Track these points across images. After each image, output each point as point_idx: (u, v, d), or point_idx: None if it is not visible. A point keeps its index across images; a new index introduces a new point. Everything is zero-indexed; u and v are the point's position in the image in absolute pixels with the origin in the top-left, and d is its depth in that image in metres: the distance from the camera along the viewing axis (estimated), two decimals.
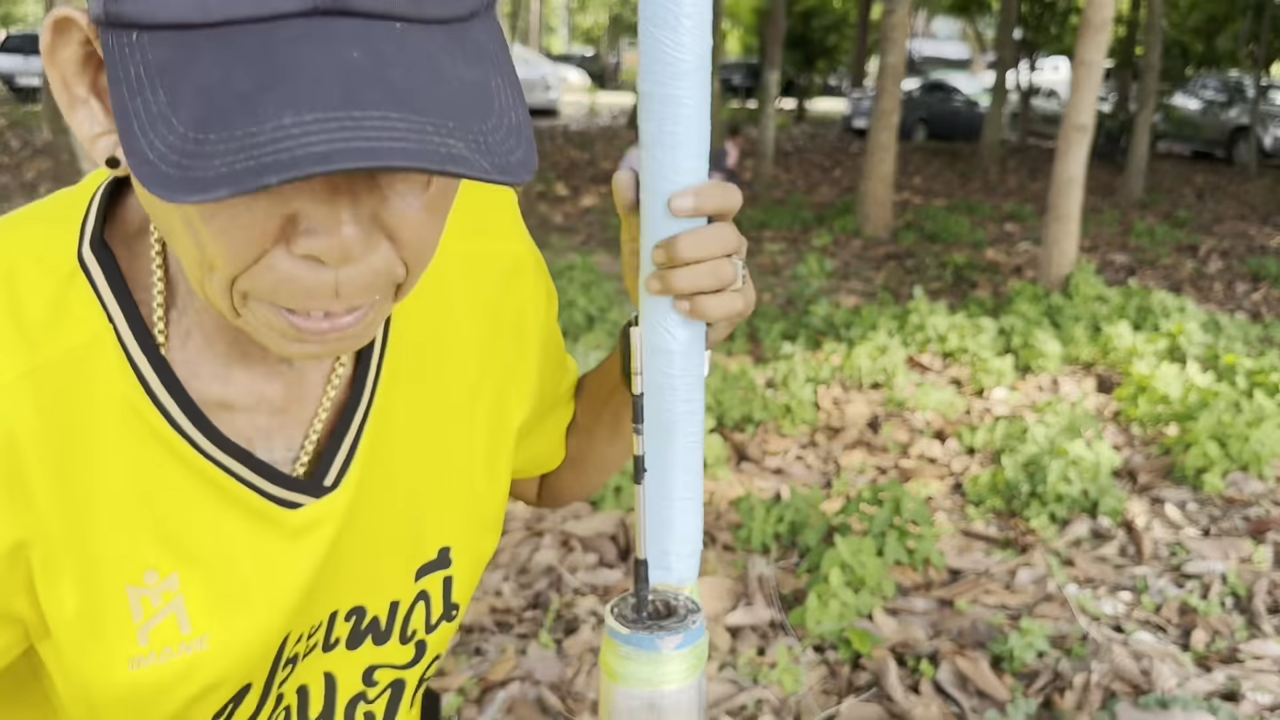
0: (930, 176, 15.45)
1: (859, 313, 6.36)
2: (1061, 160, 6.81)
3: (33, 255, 0.65)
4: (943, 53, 37.00)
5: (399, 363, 0.76)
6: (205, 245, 0.54)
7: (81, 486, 0.64)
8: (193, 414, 0.66)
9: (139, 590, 0.66)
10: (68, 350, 0.63)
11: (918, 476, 4.23)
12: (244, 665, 0.71)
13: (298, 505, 0.70)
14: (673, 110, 0.69)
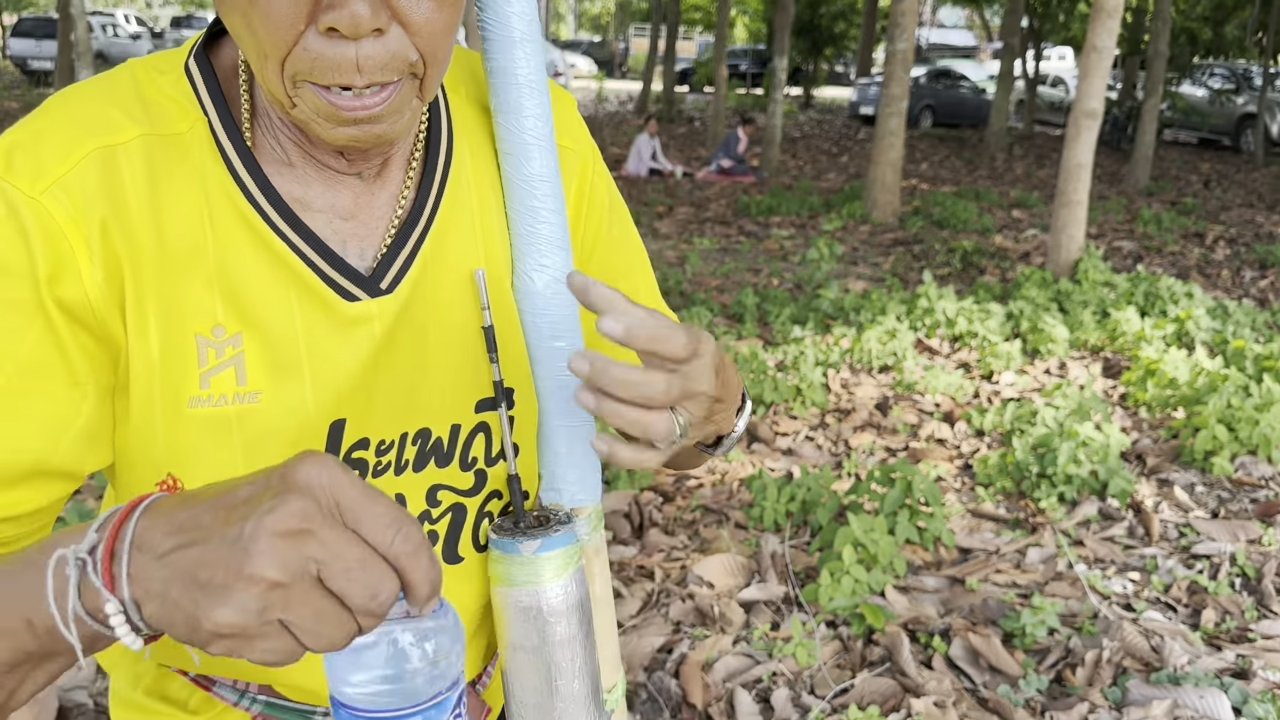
0: (937, 163, 15.43)
1: (868, 297, 6.38)
2: (1070, 146, 6.81)
3: (151, 64, 0.79)
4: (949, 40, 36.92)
5: (458, 196, 0.85)
6: (257, 30, 0.66)
7: (171, 239, 0.74)
8: (274, 200, 0.76)
9: (207, 341, 0.76)
10: (172, 132, 0.75)
11: (927, 458, 4.26)
12: (292, 430, 0.78)
13: (355, 298, 0.79)
14: None
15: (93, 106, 0.75)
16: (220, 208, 0.76)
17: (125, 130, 0.74)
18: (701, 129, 19.45)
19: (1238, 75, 18.30)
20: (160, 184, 0.74)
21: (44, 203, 0.71)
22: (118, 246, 0.73)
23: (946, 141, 18.76)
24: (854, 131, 20.43)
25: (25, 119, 0.76)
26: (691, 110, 24.02)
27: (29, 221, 0.70)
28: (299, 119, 0.71)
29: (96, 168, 0.72)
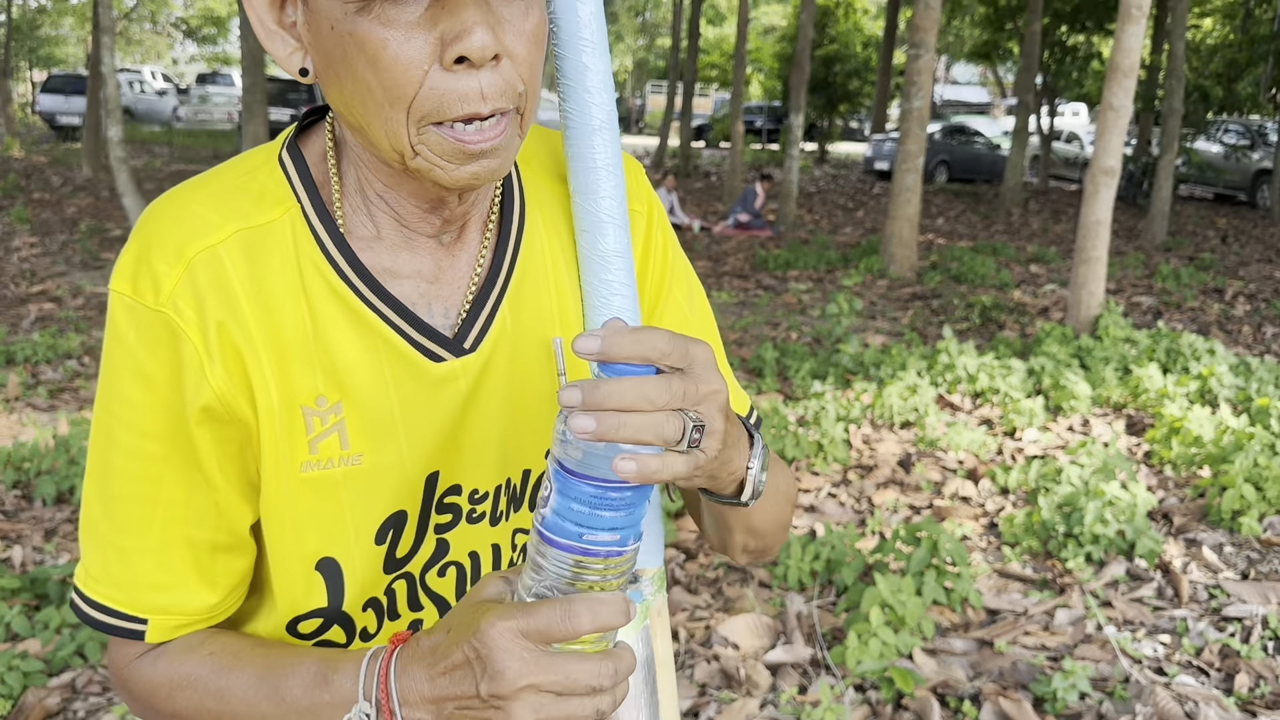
0: (953, 218, 15.49)
1: (888, 352, 6.38)
2: (1089, 203, 6.83)
3: (246, 160, 0.87)
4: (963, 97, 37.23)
5: (531, 260, 0.91)
6: (384, 80, 0.72)
7: (276, 322, 0.81)
8: (363, 274, 0.83)
9: (312, 411, 0.83)
10: (268, 221, 0.83)
11: (952, 516, 4.23)
12: (392, 486, 0.86)
13: (441, 359, 0.85)
14: None
15: (187, 212, 0.82)
16: (315, 285, 0.82)
17: (221, 229, 0.81)
18: (718, 184, 19.60)
19: (1252, 131, 18.37)
20: (260, 272, 0.81)
21: (168, 313, 0.79)
22: (235, 339, 0.80)
23: (962, 196, 18.85)
24: (869, 186, 20.55)
25: (132, 235, 0.83)
26: (708, 165, 24.23)
27: (161, 333, 0.79)
28: (419, 168, 0.76)
29: (204, 270, 0.80)
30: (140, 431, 0.81)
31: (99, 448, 0.84)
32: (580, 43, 0.87)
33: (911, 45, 9.52)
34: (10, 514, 4.02)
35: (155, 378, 0.80)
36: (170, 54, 48.36)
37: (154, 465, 0.82)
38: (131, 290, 0.80)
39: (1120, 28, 6.46)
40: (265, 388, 0.81)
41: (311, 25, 0.75)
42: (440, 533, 0.91)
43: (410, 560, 0.90)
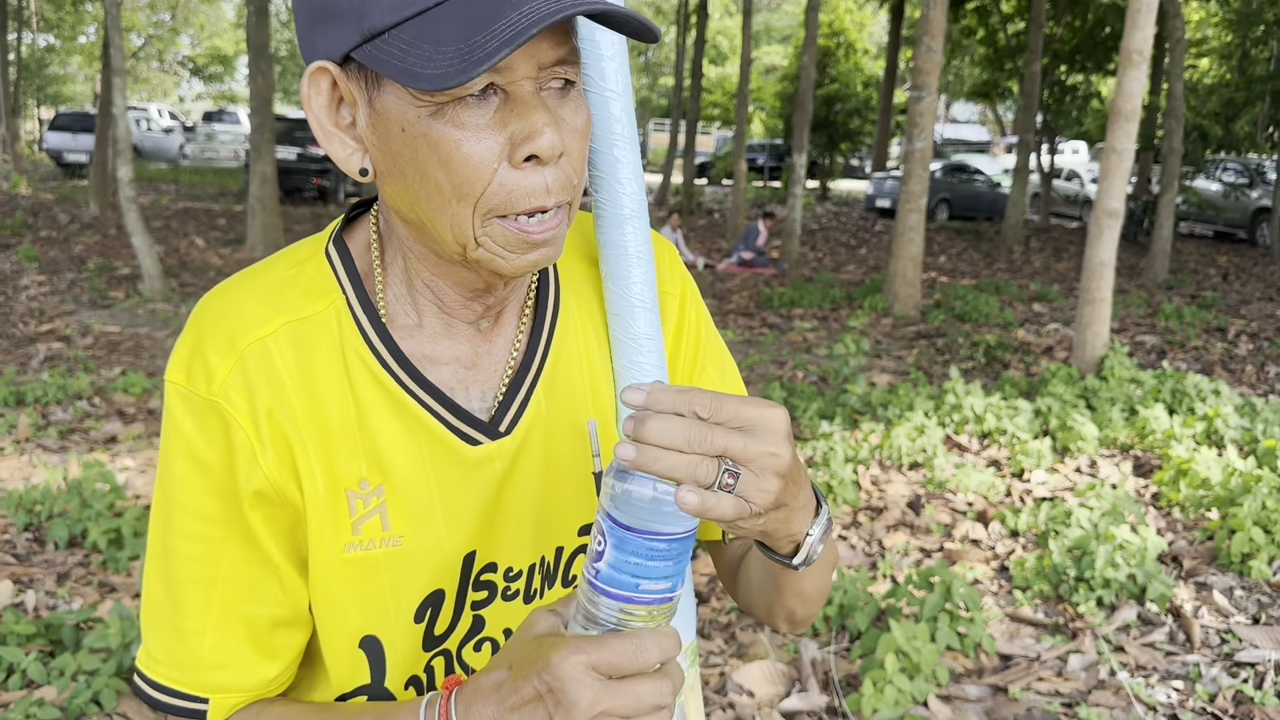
0: (955, 255, 15.56)
1: (895, 392, 6.40)
2: (1093, 245, 6.88)
3: (293, 253, 0.91)
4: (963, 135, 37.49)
5: (565, 343, 0.94)
6: (454, 178, 0.76)
7: (323, 409, 0.85)
8: (403, 362, 0.87)
9: (355, 494, 0.87)
10: (315, 313, 0.87)
11: (963, 559, 4.23)
12: (431, 567, 0.89)
13: (477, 443, 0.89)
14: None
15: (238, 305, 0.86)
16: (358, 373, 0.87)
17: (271, 322, 0.85)
18: (721, 221, 19.71)
19: (1251, 170, 18.49)
20: (307, 362, 0.86)
21: (220, 402, 0.83)
22: (284, 427, 0.84)
23: (963, 234, 18.94)
24: (871, 224, 20.65)
25: (186, 327, 0.88)
26: (710, 202, 24.37)
27: (215, 421, 0.84)
28: (479, 258, 0.80)
29: (254, 361, 0.84)
30: (198, 514, 0.85)
31: (159, 532, 0.88)
32: (613, 137, 0.91)
33: (914, 87, 9.62)
34: (22, 557, 4.03)
35: (210, 463, 0.84)
36: (177, 92, 48.78)
37: (212, 546, 0.86)
38: (186, 380, 0.84)
39: (1122, 72, 6.54)
40: (311, 473, 0.85)
41: (378, 128, 0.79)
42: (476, 609, 0.94)
43: (448, 637, 0.93)
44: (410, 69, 0.72)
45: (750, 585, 1.00)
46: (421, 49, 0.71)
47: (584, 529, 0.96)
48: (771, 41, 42.49)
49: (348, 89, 0.79)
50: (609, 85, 0.90)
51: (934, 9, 9.24)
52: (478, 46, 0.69)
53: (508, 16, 0.69)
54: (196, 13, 37.08)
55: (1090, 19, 17.59)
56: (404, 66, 0.72)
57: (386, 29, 0.74)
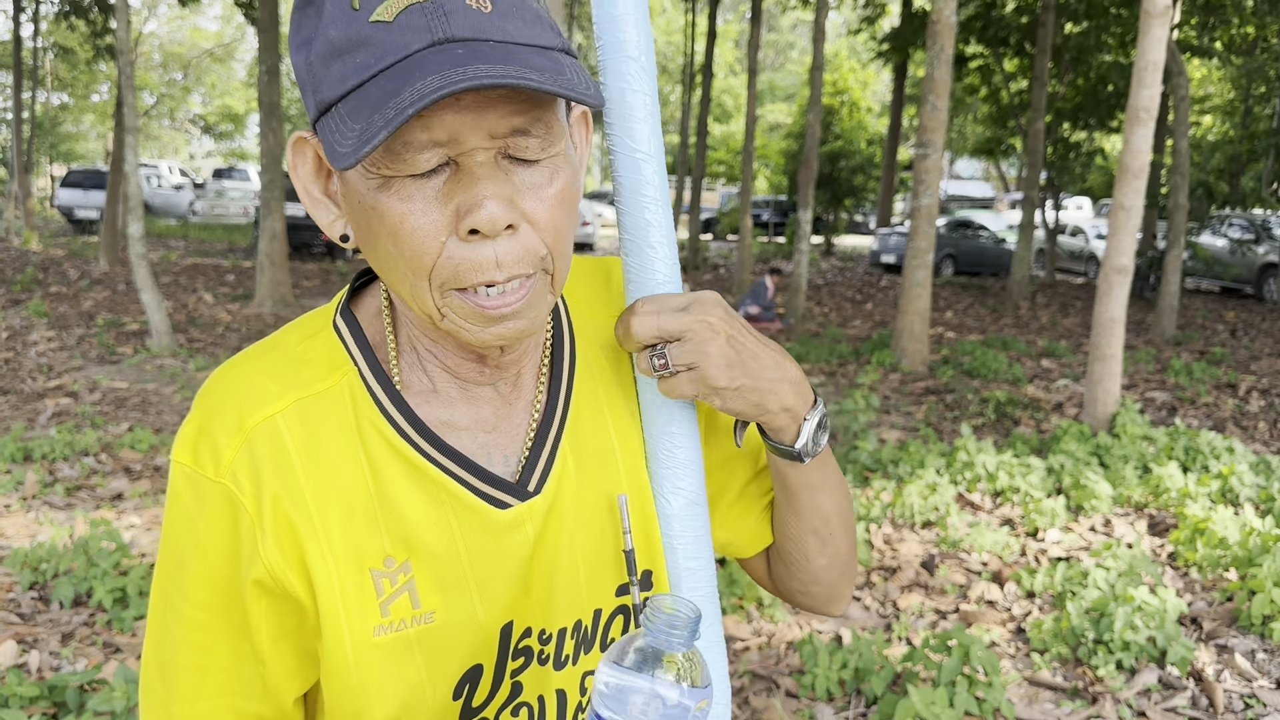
0: (962, 311, 15.57)
1: (905, 448, 6.35)
2: (1102, 301, 6.87)
3: (302, 327, 0.89)
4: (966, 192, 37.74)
5: (583, 398, 0.93)
6: (404, 250, 0.75)
7: (336, 488, 0.82)
8: (421, 429, 0.84)
9: (381, 573, 0.83)
10: (327, 388, 0.84)
11: (979, 621, 4.17)
12: (467, 642, 0.85)
13: (506, 505, 0.86)
14: None
15: (247, 381, 0.84)
16: (375, 445, 0.84)
17: (280, 399, 0.83)
18: (726, 275, 19.78)
19: (1256, 225, 18.55)
20: (318, 439, 0.83)
21: (228, 484, 0.81)
22: (289, 512, 0.81)
23: (969, 290, 18.98)
24: (876, 279, 20.71)
25: (195, 404, 0.86)
26: (716, 257, 24.48)
27: (220, 504, 0.81)
28: (449, 329, 0.79)
29: (262, 441, 0.82)
30: (194, 601, 0.83)
31: (158, 612, 0.86)
32: (644, 200, 0.89)
33: (919, 144, 9.69)
34: (27, 616, 3.98)
35: (210, 550, 0.82)
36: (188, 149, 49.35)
37: (206, 635, 0.84)
38: (193, 461, 0.82)
39: (1129, 130, 6.58)
40: (323, 558, 0.82)
41: (346, 197, 0.79)
42: (515, 676, 0.91)
43: (486, 706, 0.90)
44: (332, 146, 0.71)
45: (780, 555, 1.03)
46: (344, 125, 0.71)
47: (621, 589, 0.94)
48: (775, 100, 42.96)
49: (322, 157, 0.80)
50: (640, 147, 0.88)
51: (939, 68, 9.33)
52: (372, 125, 0.68)
53: (401, 95, 0.68)
54: (208, 72, 37.63)
55: (1093, 76, 17.75)
56: (329, 142, 0.72)
57: (331, 104, 0.74)
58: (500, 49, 0.71)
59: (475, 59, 0.69)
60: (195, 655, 0.84)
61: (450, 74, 0.67)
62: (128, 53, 9.76)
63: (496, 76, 0.68)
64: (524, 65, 0.70)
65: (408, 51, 0.70)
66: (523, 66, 0.70)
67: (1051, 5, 15.51)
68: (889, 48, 21.17)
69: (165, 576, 0.85)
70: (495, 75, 0.68)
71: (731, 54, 39.31)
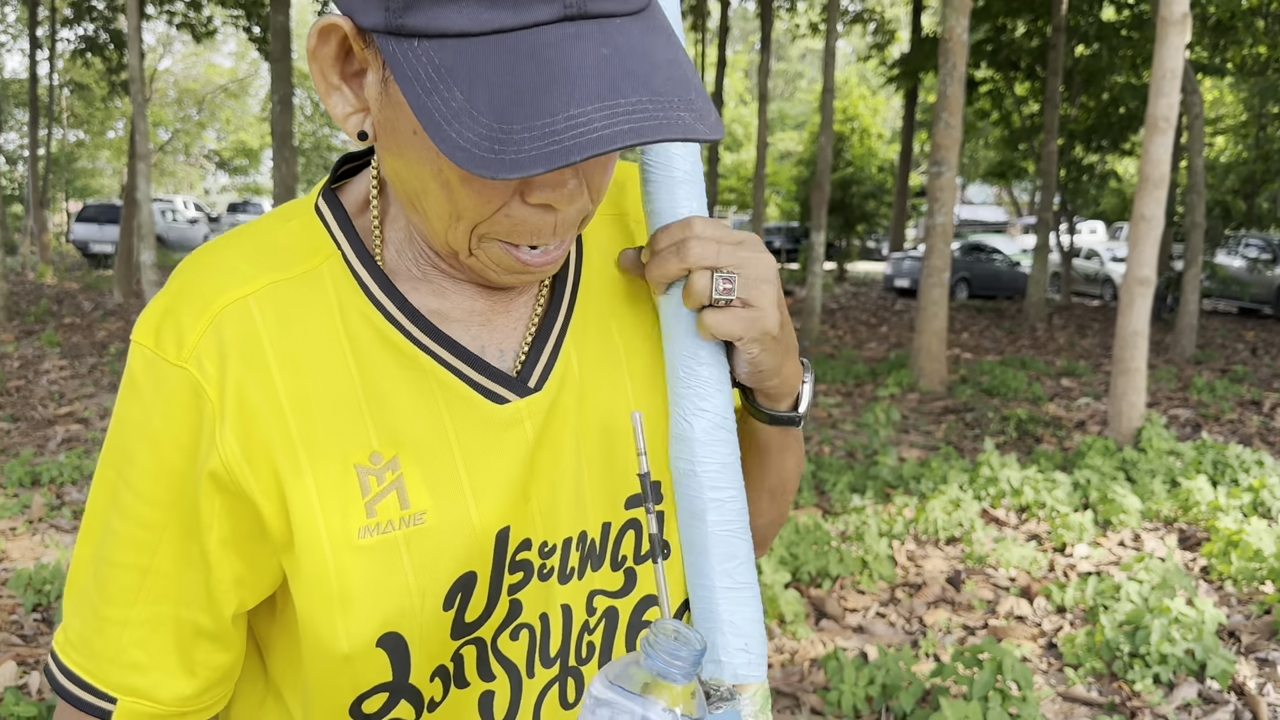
0: (978, 333, 15.45)
1: (928, 465, 6.23)
2: (1125, 314, 6.76)
3: (278, 213, 0.82)
4: (979, 216, 37.69)
5: (589, 301, 0.86)
6: (458, 201, 0.69)
7: (314, 378, 0.75)
8: (413, 315, 0.77)
9: (366, 470, 0.75)
10: (305, 271, 0.77)
11: (1009, 636, 4.03)
12: (460, 546, 0.77)
13: (505, 400, 0.79)
14: None
15: (220, 263, 0.77)
16: (360, 334, 0.77)
17: (254, 280, 0.76)
18: None
19: (1274, 246, 18.40)
20: (295, 325, 0.76)
21: (190, 370, 0.73)
22: (256, 403, 0.74)
23: (985, 312, 18.85)
24: (890, 303, 20.61)
25: (164, 287, 0.78)
26: None
27: (180, 391, 0.74)
28: (471, 265, 0.75)
29: (231, 324, 0.74)
30: (142, 495, 0.75)
31: (98, 506, 0.78)
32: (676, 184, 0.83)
33: (933, 163, 9.62)
34: (29, 638, 3.88)
35: (164, 440, 0.74)
36: (203, 184, 49.76)
37: (150, 533, 0.76)
38: (154, 343, 0.75)
39: (1147, 139, 6.48)
40: (295, 454, 0.74)
41: (386, 113, 0.69)
42: (513, 593, 0.82)
43: (481, 624, 0.80)
44: (432, 111, 0.62)
45: None
46: (451, 91, 0.62)
47: (632, 500, 0.86)
48: (786, 128, 43.09)
49: (362, 52, 0.69)
50: (677, 169, 0.83)
51: (951, 85, 9.28)
52: (510, 143, 0.59)
53: (557, 115, 0.60)
54: (223, 107, 37.96)
55: (1105, 98, 17.69)
56: (426, 103, 0.62)
57: (419, 34, 0.63)
58: (641, 56, 0.64)
59: (628, 78, 0.62)
60: (136, 554, 0.76)
61: (613, 107, 0.60)
62: (139, 80, 9.80)
63: (662, 127, 0.61)
64: (673, 95, 0.63)
65: (535, 20, 0.62)
66: (673, 99, 0.63)
67: (1062, 28, 15.49)
68: (899, 73, 21.18)
69: (111, 468, 0.77)
70: (659, 122, 0.61)
71: (741, 83, 39.47)
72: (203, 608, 0.77)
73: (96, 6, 19.65)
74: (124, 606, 0.77)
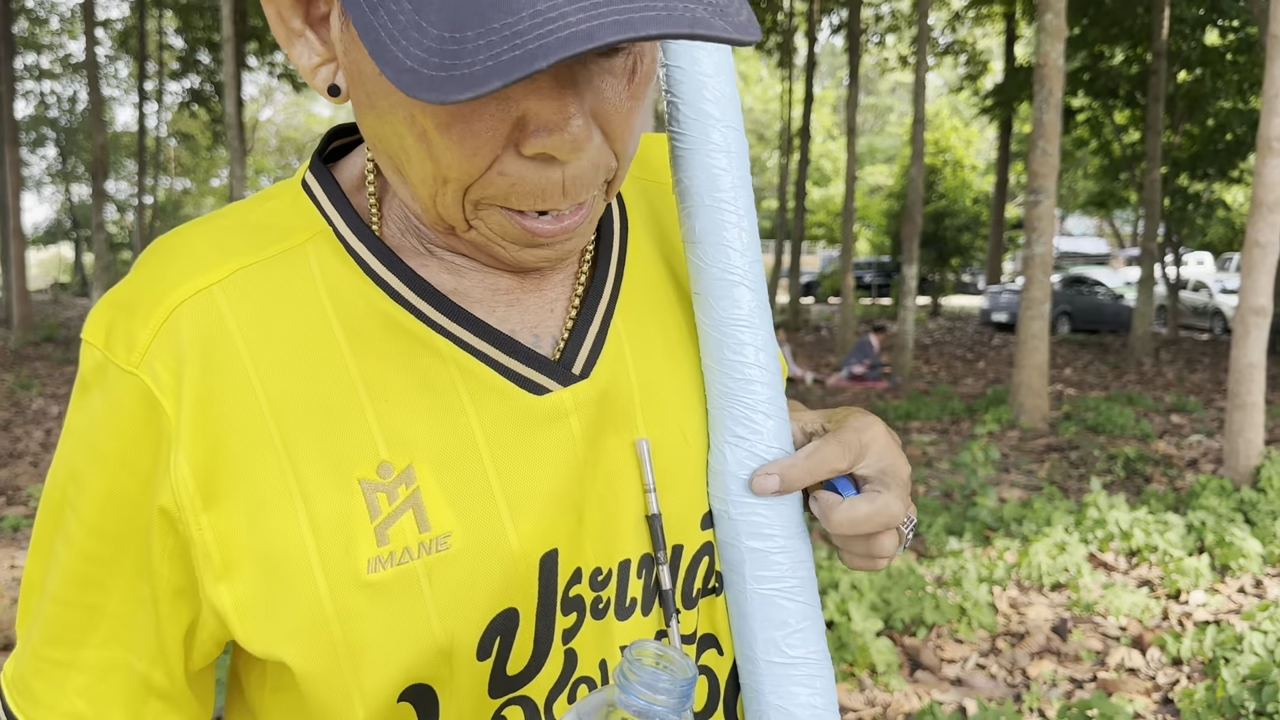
0: (1081, 368, 14.93)
1: (1030, 506, 5.94)
2: (1239, 345, 6.39)
3: (260, 195, 0.69)
4: (1080, 248, 36.74)
5: (635, 277, 0.72)
6: (440, 157, 0.56)
7: (299, 376, 0.61)
8: (425, 292, 0.63)
9: (374, 486, 0.61)
10: (281, 251, 0.64)
11: (1120, 690, 3.76)
12: (496, 576, 0.62)
13: (544, 389, 0.65)
14: None
15: (182, 248, 0.65)
16: (357, 317, 0.63)
17: (219, 266, 0.63)
18: (828, 337, 19.44)
19: None
20: (273, 315, 0.62)
21: (140, 376, 0.61)
22: (223, 415, 0.60)
23: (1088, 347, 18.24)
24: (987, 338, 20.09)
25: (128, 274, 0.66)
26: (817, 319, 24.15)
27: (130, 402, 0.61)
28: (475, 240, 0.62)
29: (191, 319, 0.61)
30: (90, 526, 0.63)
31: (45, 530, 0.66)
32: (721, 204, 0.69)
33: (1030, 192, 9.33)
34: None
35: (113, 461, 0.61)
36: None
37: (99, 568, 0.63)
38: (104, 342, 0.62)
39: (1260, 162, 6.15)
40: (280, 476, 0.60)
41: (352, 56, 0.57)
42: (568, 641, 0.66)
43: (528, 681, 0.65)
44: (378, 29, 0.49)
45: None
46: (399, 2, 0.49)
47: (707, 518, 0.71)
48: (875, 162, 42.67)
49: None
50: (713, 135, 0.69)
51: (1047, 112, 9.01)
52: (463, 54, 0.47)
53: (521, 13, 0.46)
54: None
55: (1211, 124, 17.07)
56: (371, 20, 0.50)
57: None
58: None
59: None
60: (83, 591, 0.64)
61: (590, 4, 0.47)
62: (236, 128, 10.10)
63: (662, 19, 0.47)
64: None
65: None
66: None
67: (1163, 53, 15.03)
68: (993, 103, 20.78)
69: (57, 488, 0.65)
70: (658, 13, 0.47)
71: (829, 119, 39.26)
72: (154, 660, 0.65)
73: (202, 60, 20.46)
74: (69, 648, 0.65)
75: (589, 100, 0.55)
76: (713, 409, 0.70)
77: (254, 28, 18.39)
